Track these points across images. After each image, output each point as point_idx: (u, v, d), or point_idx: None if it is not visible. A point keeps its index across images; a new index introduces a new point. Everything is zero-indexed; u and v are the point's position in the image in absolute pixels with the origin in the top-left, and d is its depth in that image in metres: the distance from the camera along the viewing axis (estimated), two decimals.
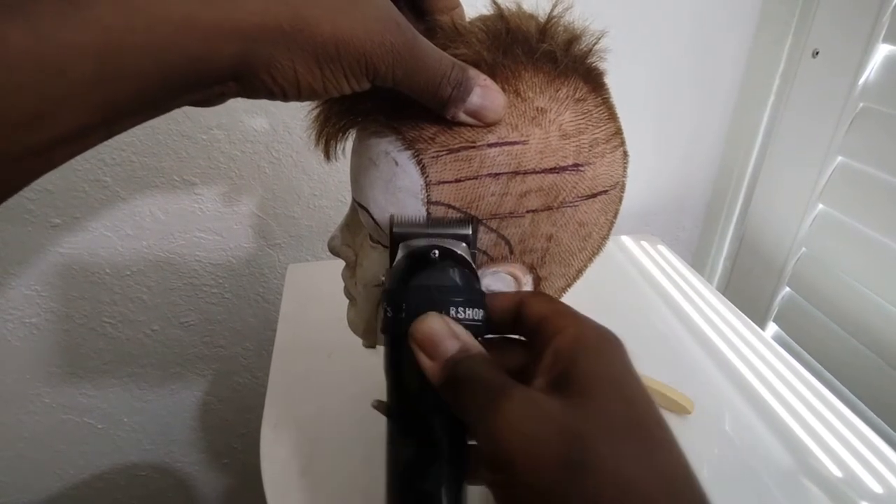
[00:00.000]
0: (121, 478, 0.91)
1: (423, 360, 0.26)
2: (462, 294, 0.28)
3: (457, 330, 0.26)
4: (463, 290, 0.28)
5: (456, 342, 0.25)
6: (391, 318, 0.28)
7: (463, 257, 0.29)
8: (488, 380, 0.24)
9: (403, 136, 0.31)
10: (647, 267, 0.77)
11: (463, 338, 0.26)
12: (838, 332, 0.70)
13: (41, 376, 0.78)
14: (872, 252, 0.65)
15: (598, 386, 0.23)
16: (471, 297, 0.28)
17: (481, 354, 0.25)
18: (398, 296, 0.28)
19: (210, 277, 0.77)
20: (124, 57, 0.21)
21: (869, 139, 0.65)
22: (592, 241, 0.36)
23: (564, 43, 0.32)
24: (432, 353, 0.25)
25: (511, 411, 0.22)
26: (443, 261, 0.29)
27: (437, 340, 0.25)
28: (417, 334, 0.26)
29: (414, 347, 0.26)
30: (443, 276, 0.28)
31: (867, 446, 0.50)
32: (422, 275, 0.28)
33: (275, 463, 0.47)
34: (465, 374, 0.24)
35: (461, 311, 0.27)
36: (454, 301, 0.27)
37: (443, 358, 0.25)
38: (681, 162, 0.87)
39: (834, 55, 0.68)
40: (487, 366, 0.25)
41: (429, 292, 0.28)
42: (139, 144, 0.66)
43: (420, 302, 0.27)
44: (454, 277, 0.28)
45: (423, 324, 0.26)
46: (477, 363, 0.25)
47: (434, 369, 0.25)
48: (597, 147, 0.33)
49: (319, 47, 0.25)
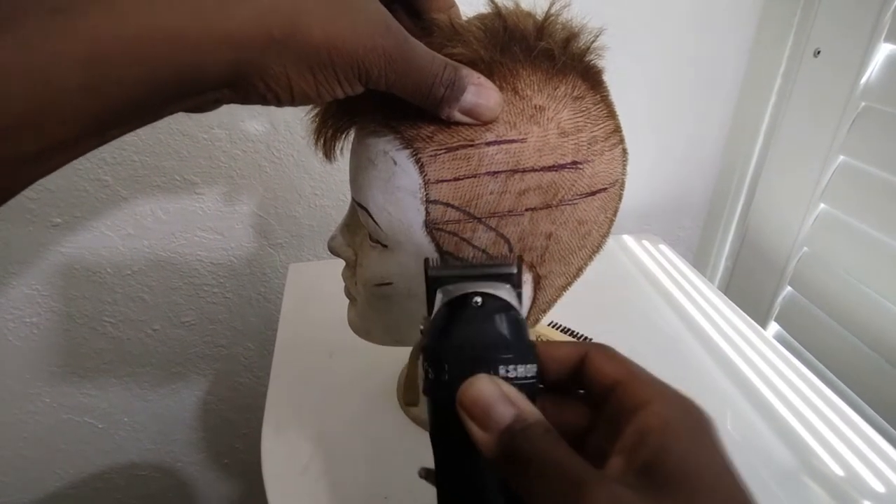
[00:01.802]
0: (121, 478, 0.91)
1: (475, 430, 0.23)
2: (511, 348, 0.24)
3: (510, 393, 0.23)
4: (512, 343, 0.25)
5: (510, 408, 0.22)
6: (433, 380, 0.25)
7: (508, 303, 0.26)
8: (559, 464, 0.21)
9: (402, 135, 0.31)
10: (649, 266, 0.76)
11: (518, 403, 0.23)
12: (840, 332, 0.70)
13: (42, 376, 0.78)
14: (874, 251, 0.65)
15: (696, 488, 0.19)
16: (521, 350, 0.25)
17: (542, 424, 0.22)
18: (439, 354, 0.25)
19: (211, 277, 0.77)
20: (114, 66, 0.21)
21: (870, 139, 0.65)
22: (592, 240, 0.36)
23: (562, 41, 0.32)
24: (484, 422, 0.22)
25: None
26: (486, 309, 0.25)
27: (489, 407, 0.22)
28: (466, 400, 0.23)
29: (462, 415, 0.23)
30: (488, 328, 0.25)
31: (869, 445, 0.50)
32: (464, 327, 0.25)
33: (276, 463, 0.47)
34: (527, 452, 0.21)
35: (512, 368, 0.24)
36: (503, 358, 0.24)
37: (497, 428, 0.22)
38: (682, 161, 0.87)
39: (835, 55, 0.67)
40: (553, 442, 0.22)
41: (474, 349, 0.24)
42: (140, 143, 0.66)
43: (464, 360, 0.24)
44: (500, 329, 0.25)
45: (472, 388, 0.23)
46: (540, 437, 0.22)
47: (488, 442, 0.22)
48: (595, 145, 0.33)
49: (312, 54, 0.25)
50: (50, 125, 0.21)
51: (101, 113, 0.22)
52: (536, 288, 0.37)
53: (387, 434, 0.50)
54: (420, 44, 0.28)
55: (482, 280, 0.27)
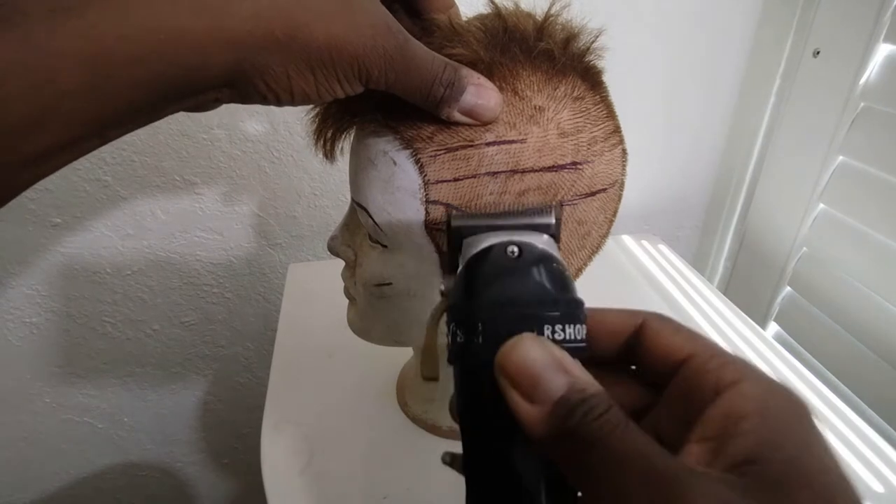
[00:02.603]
0: (121, 478, 0.91)
1: (520, 403, 0.18)
2: (557, 305, 0.20)
3: (562, 359, 0.19)
4: (558, 299, 0.21)
5: (564, 377, 0.18)
6: (463, 343, 0.21)
7: (550, 253, 0.22)
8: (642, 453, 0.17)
9: (401, 135, 0.31)
10: (648, 266, 0.76)
11: (573, 371, 0.19)
12: (839, 332, 0.70)
13: (41, 376, 0.78)
14: (873, 252, 0.65)
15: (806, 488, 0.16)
16: (569, 308, 0.20)
17: (604, 398, 0.18)
18: (471, 312, 0.20)
19: (211, 277, 0.77)
20: (116, 66, 0.21)
21: (870, 139, 0.65)
22: (591, 240, 0.36)
23: (562, 41, 0.32)
24: (532, 393, 0.18)
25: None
26: (525, 259, 0.21)
27: (538, 373, 0.18)
28: (509, 365, 0.19)
29: (504, 384, 0.19)
30: (528, 282, 0.21)
31: (868, 445, 0.50)
32: (500, 281, 0.21)
33: (275, 463, 0.47)
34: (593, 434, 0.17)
35: (560, 329, 0.20)
36: (549, 316, 0.20)
37: (549, 400, 0.18)
38: (681, 161, 0.87)
39: (835, 55, 0.67)
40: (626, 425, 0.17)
41: (513, 305, 0.20)
42: (140, 144, 0.66)
43: (503, 320, 0.20)
44: (543, 282, 0.21)
45: (516, 350, 0.19)
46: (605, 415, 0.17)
47: (536, 417, 0.18)
48: (595, 145, 0.33)
49: (313, 53, 0.25)
50: (51, 125, 0.21)
51: (102, 112, 0.22)
52: None
53: (386, 434, 0.50)
54: (420, 44, 0.28)
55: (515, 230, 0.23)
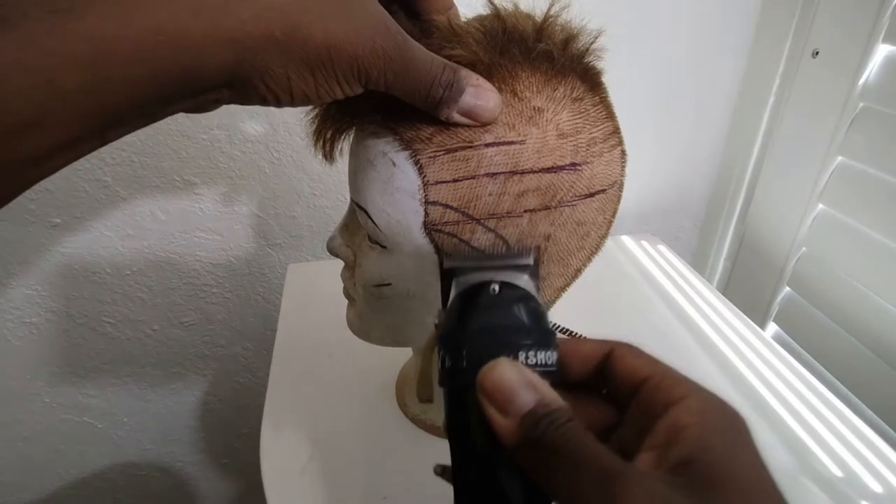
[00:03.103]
0: (121, 478, 0.91)
1: (495, 416, 0.21)
2: (531, 334, 0.24)
3: (532, 379, 0.22)
4: (532, 329, 0.24)
5: (533, 394, 0.21)
6: (450, 368, 0.24)
7: (526, 291, 0.25)
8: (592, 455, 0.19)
9: (401, 136, 0.31)
10: (647, 267, 0.76)
11: (541, 389, 0.22)
12: (838, 332, 0.70)
13: (41, 376, 0.78)
14: (872, 252, 0.65)
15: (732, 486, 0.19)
16: (542, 337, 0.24)
17: (566, 411, 0.21)
18: (457, 341, 0.24)
19: (210, 277, 0.77)
20: (115, 66, 0.22)
21: (869, 139, 0.65)
22: (591, 241, 0.36)
23: (561, 42, 0.32)
24: (505, 407, 0.21)
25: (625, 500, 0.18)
26: (504, 296, 0.25)
27: (511, 392, 0.21)
28: (486, 384, 0.22)
29: (483, 401, 0.22)
30: (507, 315, 0.24)
31: (867, 446, 0.50)
32: (482, 314, 0.24)
33: (275, 462, 0.47)
34: (554, 441, 0.20)
35: (532, 354, 0.23)
36: (523, 344, 0.23)
37: (518, 413, 0.21)
38: (681, 162, 0.87)
39: (834, 55, 0.67)
40: (582, 432, 0.20)
41: (493, 334, 0.23)
42: (140, 144, 0.66)
43: (483, 346, 0.23)
44: (520, 315, 0.24)
45: (493, 372, 0.22)
46: (565, 425, 0.20)
47: (508, 428, 0.21)
48: (594, 146, 0.33)
49: (312, 54, 0.25)
50: (50, 126, 0.21)
51: (102, 113, 0.22)
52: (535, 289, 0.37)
53: (386, 434, 0.50)
54: (419, 45, 0.28)
55: (499, 270, 0.26)
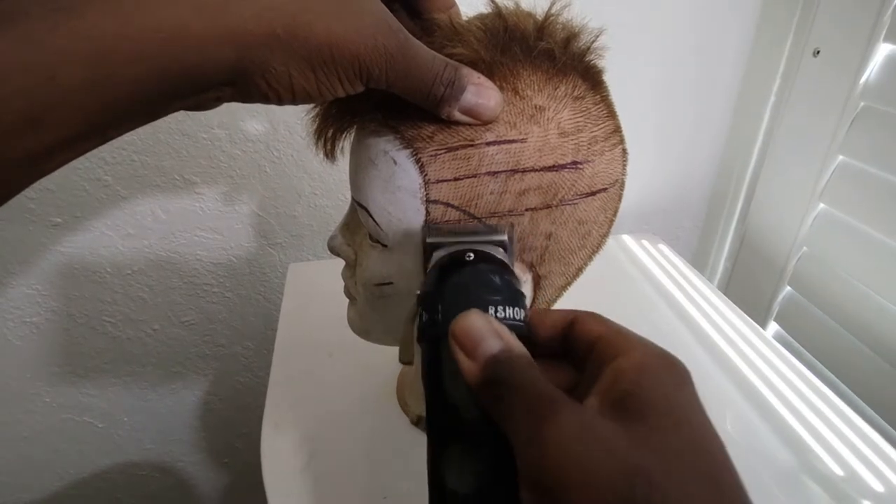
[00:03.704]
0: (121, 477, 0.91)
1: (462, 359, 0.23)
2: (500, 292, 0.26)
3: (499, 329, 0.24)
4: (501, 288, 0.26)
5: (498, 341, 0.23)
6: (427, 321, 0.26)
7: (500, 260, 0.28)
8: (534, 387, 0.21)
9: (402, 134, 0.31)
10: (648, 266, 0.76)
11: (506, 337, 0.24)
12: (839, 331, 0.70)
13: (42, 375, 0.78)
14: (873, 251, 0.65)
15: (664, 416, 0.20)
16: (511, 296, 0.26)
17: (525, 356, 0.23)
18: (433, 298, 0.26)
19: (211, 277, 0.77)
20: (116, 64, 0.22)
21: (870, 138, 0.65)
22: (592, 240, 0.36)
23: (562, 41, 0.32)
24: (472, 351, 0.23)
25: (561, 429, 0.20)
26: (478, 261, 0.27)
27: (478, 338, 0.23)
28: (457, 331, 0.24)
29: (453, 346, 0.24)
30: (480, 275, 0.27)
31: (868, 445, 0.50)
32: (457, 275, 0.27)
33: (275, 462, 0.47)
34: (506, 376, 0.22)
35: (501, 309, 0.25)
36: (494, 299, 0.25)
37: (483, 357, 0.23)
38: (681, 161, 0.87)
39: (835, 54, 0.67)
40: (533, 371, 0.22)
41: (466, 290, 0.26)
42: (140, 143, 0.66)
43: (458, 301, 0.25)
44: (492, 277, 0.26)
45: (464, 320, 0.24)
46: (521, 366, 0.22)
47: (473, 369, 0.23)
48: (595, 145, 0.33)
49: (314, 52, 0.25)
50: (51, 123, 0.21)
51: (103, 111, 0.23)
52: (536, 288, 0.37)
53: (386, 434, 0.50)
54: (421, 44, 0.28)
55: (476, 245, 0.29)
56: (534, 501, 0.20)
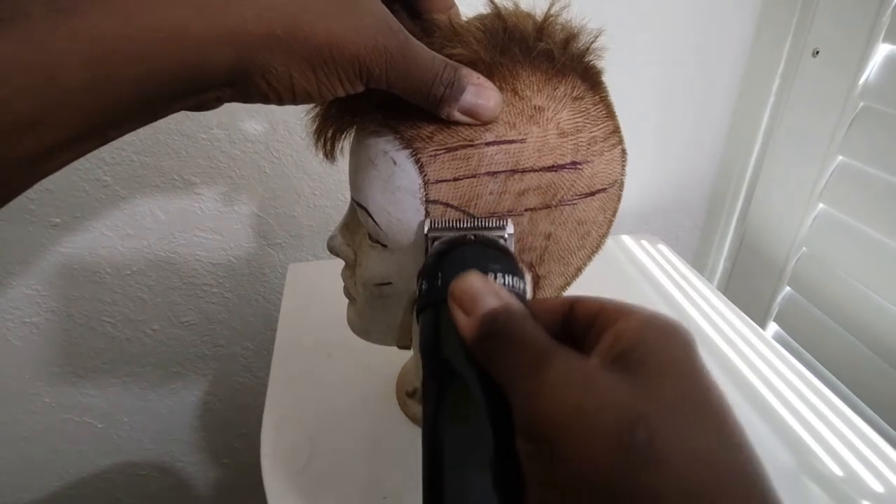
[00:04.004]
0: (121, 477, 0.91)
1: (460, 316, 0.23)
2: (500, 261, 0.26)
3: (499, 290, 0.24)
4: (502, 259, 0.26)
5: (497, 299, 0.23)
6: (426, 289, 0.26)
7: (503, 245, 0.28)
8: (531, 338, 0.22)
9: (401, 135, 0.31)
10: (648, 266, 0.76)
11: (505, 297, 0.23)
12: (839, 332, 0.70)
13: (41, 376, 0.78)
14: (873, 252, 0.65)
15: (666, 369, 0.20)
16: (510, 265, 0.26)
17: (523, 311, 0.23)
18: (434, 269, 0.26)
19: (210, 277, 0.77)
20: (117, 64, 0.22)
21: (869, 139, 0.65)
22: (591, 240, 0.36)
23: (562, 41, 0.32)
24: (470, 308, 0.23)
25: (558, 376, 0.20)
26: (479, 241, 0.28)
27: (477, 296, 0.23)
28: (456, 290, 0.24)
29: (452, 305, 0.24)
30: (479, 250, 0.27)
31: (868, 445, 0.50)
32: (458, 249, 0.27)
33: (275, 462, 0.47)
34: (503, 330, 0.22)
35: (501, 276, 0.25)
36: (493, 266, 0.25)
37: (480, 313, 0.23)
38: (681, 161, 0.87)
39: (834, 54, 0.67)
40: (529, 322, 0.22)
41: (465, 259, 0.26)
42: (139, 144, 0.66)
43: (458, 268, 0.25)
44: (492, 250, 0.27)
45: (464, 280, 0.24)
46: (517, 319, 0.22)
47: (470, 325, 0.23)
48: (595, 145, 0.33)
49: (314, 52, 0.25)
50: (51, 124, 0.21)
51: (104, 111, 0.23)
52: (535, 288, 0.37)
53: (386, 434, 0.50)
54: (421, 44, 0.28)
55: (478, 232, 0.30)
56: (531, 451, 0.20)
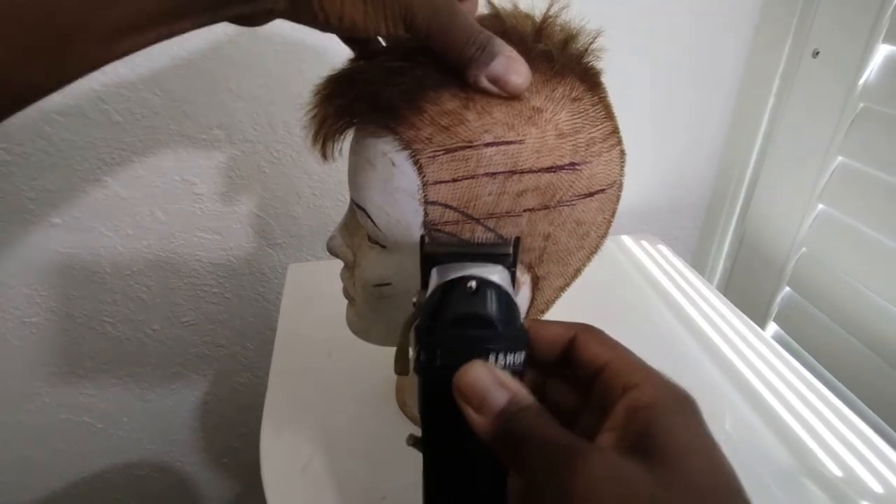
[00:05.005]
0: (121, 478, 0.91)
1: (472, 415, 0.24)
2: (503, 338, 0.25)
3: (503, 379, 0.24)
4: (504, 333, 0.26)
5: (505, 392, 0.24)
6: (425, 362, 0.26)
7: (501, 288, 0.26)
8: (553, 437, 0.22)
9: (400, 136, 0.31)
10: (647, 267, 0.76)
11: (511, 387, 0.24)
12: (838, 332, 0.70)
13: (41, 376, 0.78)
14: (872, 252, 0.65)
15: (684, 455, 0.21)
16: (512, 336, 0.26)
17: (535, 406, 0.24)
18: (431, 339, 0.26)
19: (210, 277, 0.77)
20: None
21: (869, 139, 0.65)
22: (590, 241, 0.36)
23: (560, 42, 0.32)
24: (480, 406, 0.23)
25: (592, 475, 0.20)
26: (479, 294, 0.26)
27: (485, 392, 0.24)
28: (462, 385, 0.24)
29: (459, 400, 0.24)
30: (480, 316, 0.25)
31: (867, 446, 0.50)
32: (457, 313, 0.26)
33: (275, 462, 0.47)
34: (523, 431, 0.23)
35: (501, 356, 0.25)
36: (494, 347, 0.25)
37: (493, 412, 0.23)
38: (681, 162, 0.87)
39: (834, 55, 0.67)
40: (547, 420, 0.23)
41: (465, 337, 0.25)
42: (139, 144, 0.66)
43: (457, 347, 0.25)
44: (494, 315, 0.26)
45: (468, 374, 0.24)
46: (534, 417, 0.23)
47: (484, 424, 0.23)
48: (593, 146, 0.33)
49: None
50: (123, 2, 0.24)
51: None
52: (534, 289, 0.37)
53: (385, 434, 0.50)
54: (463, 9, 0.30)
55: (476, 259, 0.27)
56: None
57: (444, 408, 0.25)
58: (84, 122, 0.63)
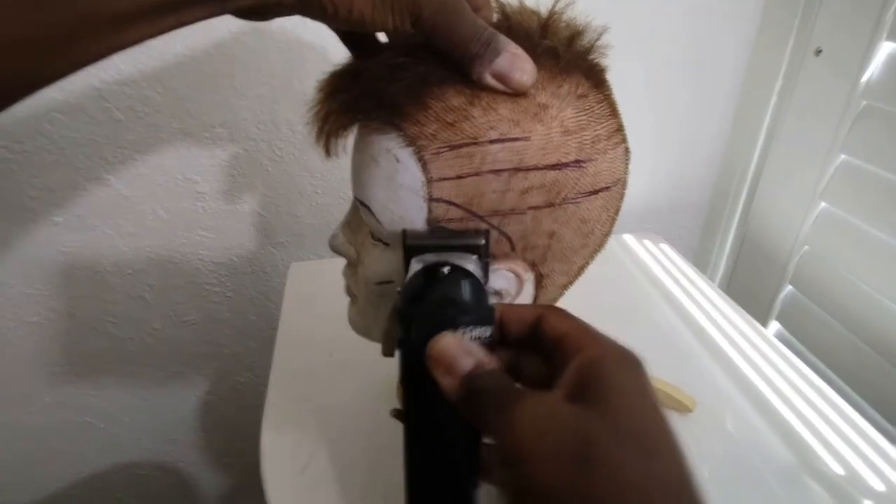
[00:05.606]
0: (121, 477, 0.91)
1: (442, 377, 0.27)
2: (471, 312, 0.29)
3: (470, 347, 0.27)
4: (472, 308, 0.29)
5: (470, 359, 0.26)
6: (403, 338, 0.29)
7: (471, 274, 0.30)
8: (504, 387, 0.25)
9: (405, 132, 0.31)
10: (650, 265, 0.76)
11: (476, 354, 0.27)
12: (841, 330, 0.70)
13: (42, 375, 0.78)
14: (875, 250, 0.65)
15: (612, 397, 0.23)
16: (480, 314, 0.29)
17: (495, 368, 0.27)
18: (407, 317, 0.29)
19: (212, 276, 0.77)
20: None
21: (871, 137, 0.65)
22: (594, 238, 0.36)
23: (566, 39, 0.32)
24: (449, 370, 0.26)
25: (525, 411, 0.24)
26: (451, 277, 0.29)
27: (453, 359, 0.27)
28: (433, 353, 0.27)
29: (431, 365, 0.27)
30: (451, 296, 0.29)
31: (869, 444, 0.50)
32: (432, 293, 0.29)
33: (276, 462, 0.47)
34: (481, 386, 0.26)
35: (469, 329, 0.28)
36: (463, 320, 0.28)
37: (459, 375, 0.26)
38: (683, 160, 0.87)
39: (836, 53, 0.67)
40: (502, 377, 0.26)
41: (438, 315, 0.28)
42: (141, 142, 0.66)
43: (429, 322, 0.28)
44: (464, 295, 0.29)
45: (438, 343, 0.27)
46: (492, 376, 0.26)
47: (453, 385, 0.26)
48: (598, 143, 0.33)
49: None
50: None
51: None
52: (538, 286, 0.37)
53: (386, 434, 0.49)
54: (469, 7, 0.30)
55: (453, 251, 0.31)
56: (507, 475, 0.23)
57: (420, 379, 0.28)
58: (86, 120, 0.62)
